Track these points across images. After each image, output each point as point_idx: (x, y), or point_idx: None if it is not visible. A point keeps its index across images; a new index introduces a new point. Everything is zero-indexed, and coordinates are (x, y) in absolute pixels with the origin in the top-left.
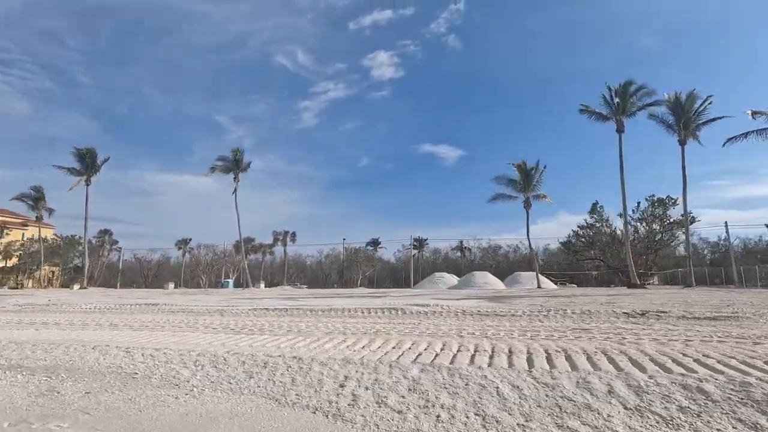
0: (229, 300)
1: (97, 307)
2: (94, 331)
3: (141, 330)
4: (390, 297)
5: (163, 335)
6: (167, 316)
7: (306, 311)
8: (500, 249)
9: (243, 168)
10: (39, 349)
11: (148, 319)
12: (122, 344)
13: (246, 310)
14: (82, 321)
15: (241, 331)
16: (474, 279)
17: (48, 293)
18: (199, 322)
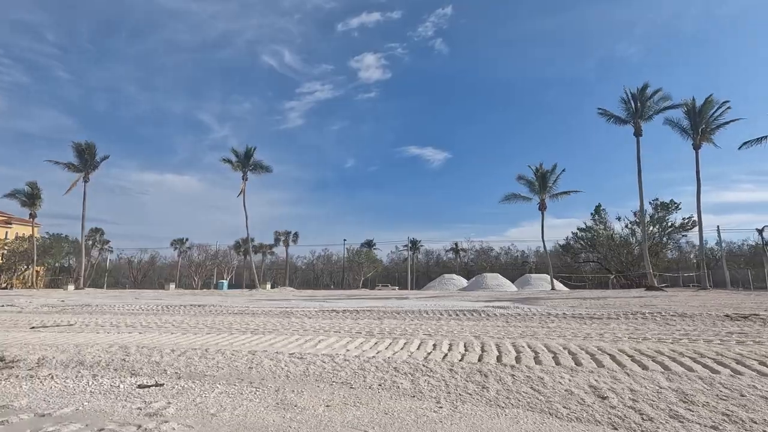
0: (261, 302)
1: (144, 309)
2: (210, 336)
3: (258, 334)
4: (418, 299)
5: (293, 340)
6: (246, 318)
7: (387, 313)
8: (492, 251)
9: (253, 166)
10: (205, 357)
11: (231, 321)
12: (280, 350)
13: (314, 311)
14: (159, 323)
15: (371, 334)
16: (485, 281)
17: (47, 294)
18: (294, 324)
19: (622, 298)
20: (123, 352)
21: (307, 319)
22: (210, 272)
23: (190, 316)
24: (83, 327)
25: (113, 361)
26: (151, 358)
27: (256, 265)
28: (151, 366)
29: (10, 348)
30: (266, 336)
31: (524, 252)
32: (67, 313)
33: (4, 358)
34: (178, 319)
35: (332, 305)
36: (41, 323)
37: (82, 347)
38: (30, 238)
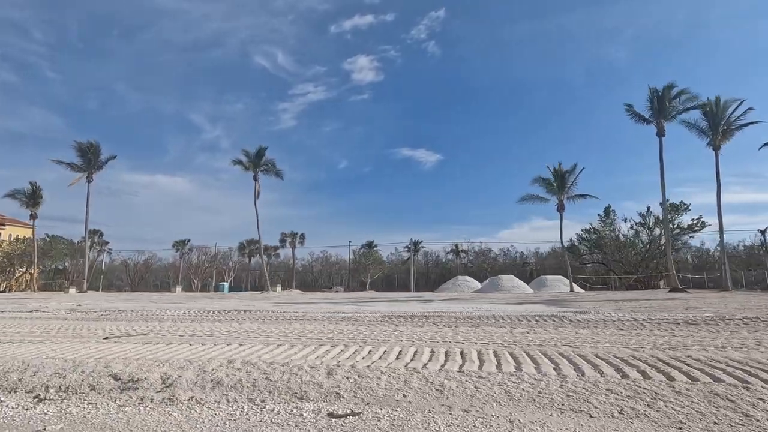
0: (295, 305)
1: (193, 315)
2: (325, 348)
3: (374, 345)
4: (445, 301)
5: (427, 354)
6: (318, 325)
7: (461, 319)
8: (490, 252)
9: (265, 167)
10: (364, 376)
11: (310, 329)
12: (446, 369)
13: (380, 317)
14: (238, 332)
15: (504, 345)
16: (501, 283)
17: (51, 297)
18: (386, 332)
19: (655, 300)
20: (258, 370)
21: (392, 326)
22: (209, 274)
23: (260, 323)
24: (159, 337)
25: (257, 381)
26: (301, 377)
27: (285, 267)
28: (314, 387)
29: (112, 364)
30: (391, 348)
31: (523, 253)
32: (114, 320)
33: (118, 377)
34: (252, 327)
35: (382, 309)
36: (110, 333)
37: (203, 363)
38: (28, 240)
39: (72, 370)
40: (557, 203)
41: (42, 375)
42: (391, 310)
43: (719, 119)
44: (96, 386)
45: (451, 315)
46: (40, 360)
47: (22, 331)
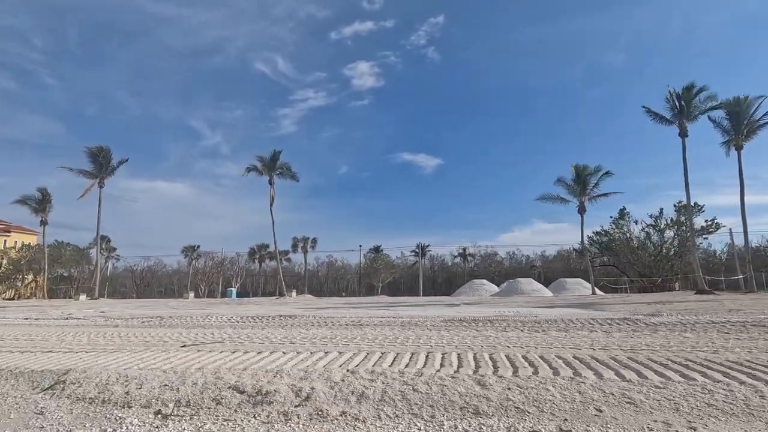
0: (335, 310)
1: (236, 322)
2: (407, 357)
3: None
4: (472, 305)
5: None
6: (387, 330)
7: (527, 323)
8: (496, 255)
9: (280, 171)
10: (541, 387)
11: (384, 335)
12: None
13: (441, 321)
14: (303, 339)
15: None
16: (520, 286)
17: (66, 304)
18: (464, 338)
19: (687, 302)
20: (394, 380)
21: (471, 330)
22: (215, 280)
23: (327, 329)
24: (237, 344)
25: (405, 393)
26: (454, 387)
27: (272, 273)
28: (480, 400)
29: (222, 375)
30: (515, 355)
31: (529, 256)
32: (167, 327)
33: (241, 389)
34: (324, 332)
35: (429, 313)
36: (183, 341)
37: (321, 372)
38: (36, 246)
39: (180, 382)
40: (578, 205)
41: (149, 387)
42: (439, 313)
43: (743, 117)
44: (221, 400)
45: (516, 319)
46: (136, 371)
47: (82, 340)
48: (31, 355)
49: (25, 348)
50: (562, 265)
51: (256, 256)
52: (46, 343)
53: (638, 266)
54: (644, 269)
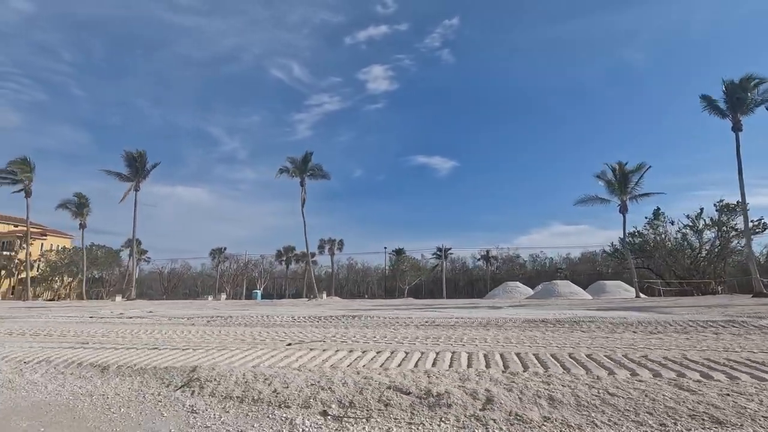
0: (375, 311)
1: (301, 321)
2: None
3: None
4: (517, 308)
5: None
6: (477, 331)
7: (618, 326)
8: (518, 258)
9: (311, 172)
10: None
11: (471, 336)
12: None
13: (522, 321)
14: (397, 339)
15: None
16: (558, 289)
17: (105, 305)
18: (566, 340)
19: (747, 305)
20: (583, 384)
21: (565, 333)
22: (240, 282)
23: (413, 329)
24: (339, 343)
25: (610, 398)
26: (659, 392)
27: (299, 275)
28: (709, 408)
29: (368, 374)
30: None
31: (552, 259)
32: (244, 325)
33: (405, 390)
34: (407, 333)
35: (490, 315)
36: (285, 338)
37: (488, 373)
38: (72, 249)
39: (328, 382)
40: (619, 204)
41: (297, 387)
42: (501, 315)
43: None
44: (388, 401)
45: (604, 321)
46: (271, 369)
47: (174, 338)
48: (138, 351)
49: (124, 345)
50: (588, 267)
51: (283, 258)
52: (138, 340)
53: (676, 269)
54: (683, 272)
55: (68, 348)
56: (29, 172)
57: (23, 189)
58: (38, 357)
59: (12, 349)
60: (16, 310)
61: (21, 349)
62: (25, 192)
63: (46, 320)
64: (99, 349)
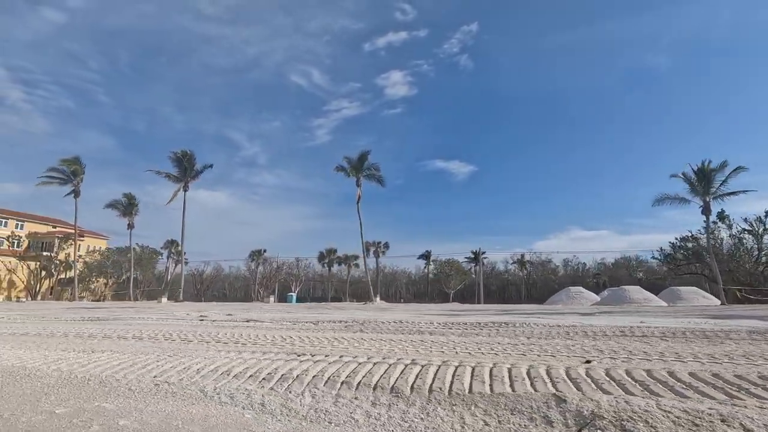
0: (477, 316)
1: (444, 328)
2: None
3: None
4: (609, 315)
5: None
6: (621, 342)
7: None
8: (550, 263)
9: (367, 172)
10: None
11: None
12: None
13: (664, 332)
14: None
15: None
16: (629, 295)
17: (164, 307)
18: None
19: None
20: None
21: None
22: (273, 284)
23: (591, 339)
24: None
25: None
26: None
27: (341, 278)
28: None
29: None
30: None
31: (585, 264)
32: (379, 332)
33: None
34: (586, 343)
35: (604, 322)
36: (544, 351)
37: None
38: (117, 250)
39: None
40: (701, 205)
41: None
42: (624, 324)
43: None
44: None
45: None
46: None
47: (337, 347)
48: (415, 366)
49: (360, 354)
50: (625, 272)
51: (325, 261)
52: (359, 350)
53: (740, 274)
54: (747, 278)
55: (283, 358)
56: (81, 173)
57: (73, 189)
58: (266, 370)
59: (214, 360)
60: (86, 311)
61: (228, 359)
62: (75, 192)
63: (156, 322)
64: (338, 362)
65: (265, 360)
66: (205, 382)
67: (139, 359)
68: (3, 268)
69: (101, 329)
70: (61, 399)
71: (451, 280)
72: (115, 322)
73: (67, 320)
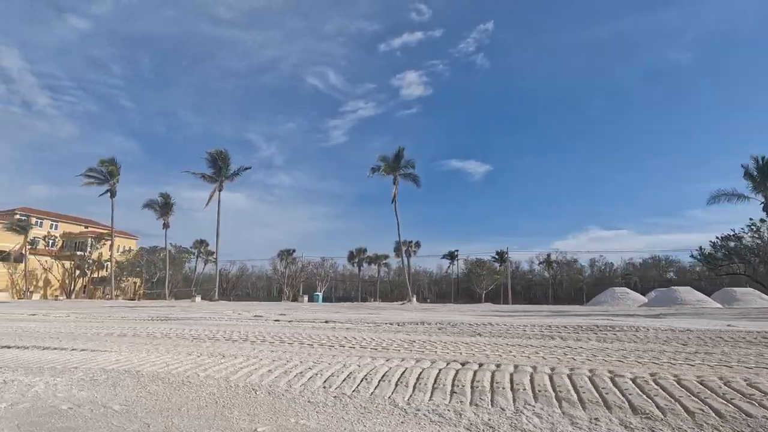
0: (528, 318)
1: (541, 330)
2: None
3: None
4: (688, 317)
5: None
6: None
7: None
8: (575, 263)
9: (404, 169)
10: None
11: None
12: None
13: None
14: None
15: None
16: (680, 296)
17: (203, 306)
18: None
19: None
20: None
21: None
22: (297, 284)
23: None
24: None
25: None
26: None
27: (370, 278)
28: None
29: None
30: None
31: (612, 264)
32: (453, 334)
33: None
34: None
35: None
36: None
37: None
38: (148, 250)
39: None
40: (762, 202)
41: None
42: (716, 327)
43: None
44: None
45: None
46: None
47: (436, 349)
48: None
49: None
50: (656, 272)
51: (355, 260)
52: (499, 357)
53: None
54: None
55: (433, 365)
56: (117, 174)
57: (109, 189)
58: (429, 379)
59: (361, 366)
60: (136, 310)
61: (371, 365)
62: (111, 192)
63: (230, 322)
64: (501, 371)
65: (417, 368)
66: (385, 393)
67: (280, 365)
68: (40, 267)
69: (186, 330)
70: (250, 414)
71: (483, 280)
72: (187, 322)
73: (135, 319)
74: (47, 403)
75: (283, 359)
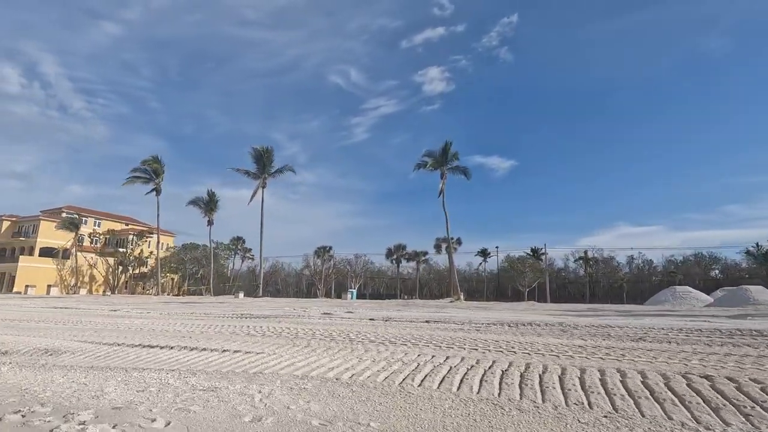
0: (651, 320)
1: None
2: None
3: None
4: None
5: None
6: None
7: None
8: (612, 260)
9: (452, 163)
10: None
11: None
12: None
13: None
14: None
15: None
16: (752, 295)
17: (254, 302)
18: None
19: None
20: None
21: None
22: (331, 281)
23: None
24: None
25: None
26: None
27: (408, 276)
28: None
29: None
30: None
31: (652, 261)
32: (526, 335)
33: None
34: None
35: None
36: None
37: None
38: (178, 247)
39: None
40: None
41: None
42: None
43: None
44: None
45: None
46: None
47: (535, 347)
48: None
49: None
50: (699, 270)
51: (393, 257)
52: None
53: None
54: None
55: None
56: (161, 172)
57: (154, 188)
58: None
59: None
60: (193, 306)
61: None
62: (156, 190)
63: (322, 321)
64: None
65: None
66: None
67: (437, 369)
68: (86, 263)
69: (303, 328)
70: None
71: (526, 277)
72: (279, 320)
73: (217, 316)
74: (292, 418)
75: (480, 367)
